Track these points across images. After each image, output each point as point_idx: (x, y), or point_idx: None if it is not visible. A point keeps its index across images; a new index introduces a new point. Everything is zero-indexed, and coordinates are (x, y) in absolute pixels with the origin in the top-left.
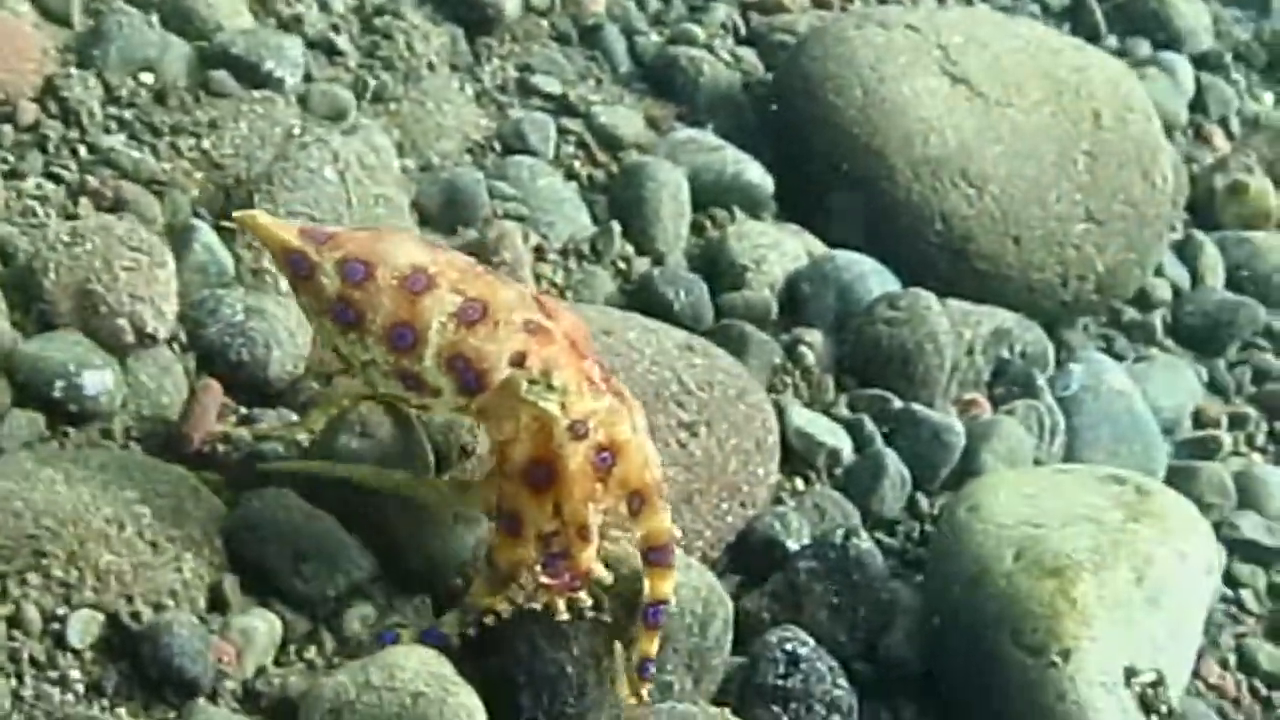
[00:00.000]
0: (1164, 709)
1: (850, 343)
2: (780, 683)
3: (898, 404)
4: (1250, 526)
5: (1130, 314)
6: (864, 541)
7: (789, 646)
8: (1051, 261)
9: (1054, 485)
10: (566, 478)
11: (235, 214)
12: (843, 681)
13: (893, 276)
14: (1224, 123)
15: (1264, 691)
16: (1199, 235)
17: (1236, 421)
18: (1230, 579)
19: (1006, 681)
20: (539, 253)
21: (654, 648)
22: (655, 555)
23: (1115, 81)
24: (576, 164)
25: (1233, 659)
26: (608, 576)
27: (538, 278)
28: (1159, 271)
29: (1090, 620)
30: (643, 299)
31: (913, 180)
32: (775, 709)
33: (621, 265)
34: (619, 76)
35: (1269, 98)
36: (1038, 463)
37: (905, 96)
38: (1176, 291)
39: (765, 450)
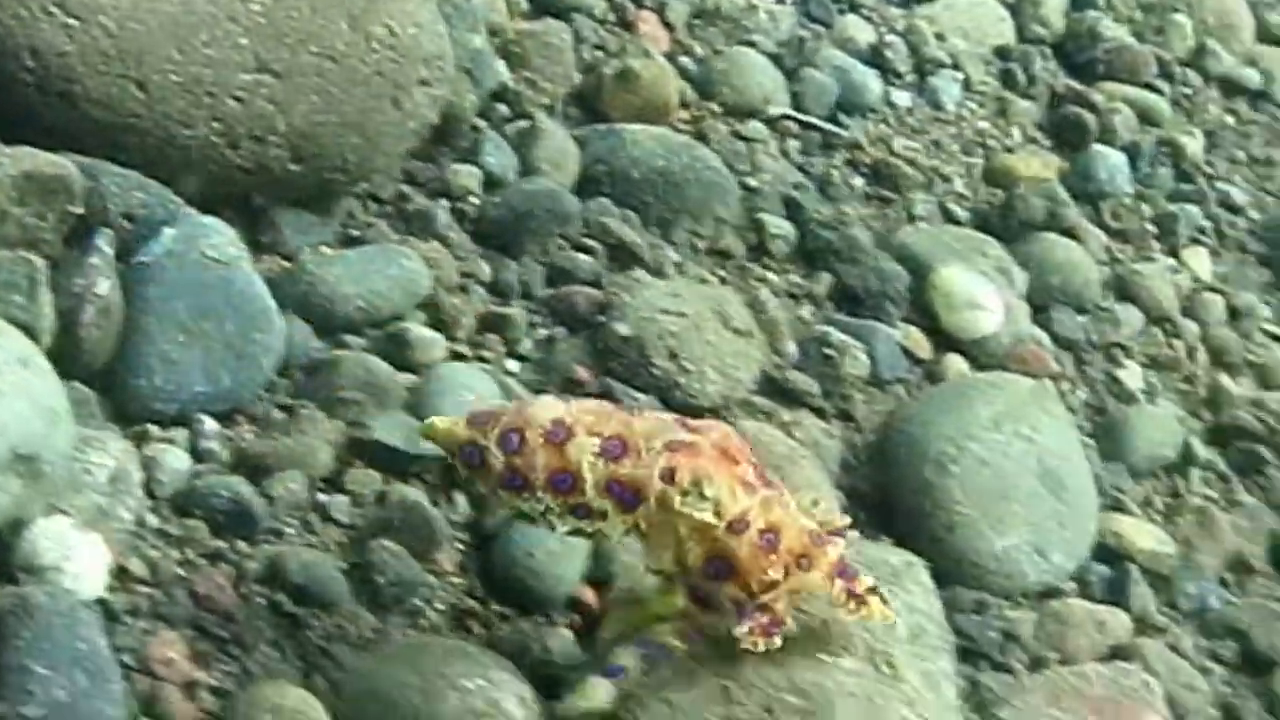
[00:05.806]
0: None
1: None
2: None
3: None
4: (388, 428)
5: (419, 202)
6: None
7: None
8: (201, 115)
9: None
10: (741, 566)
11: (419, 429)
12: None
13: None
14: (662, 9)
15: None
16: (541, 121)
17: (493, 323)
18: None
19: None
20: None
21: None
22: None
23: None
24: None
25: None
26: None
27: None
28: (470, 158)
29: None
30: None
31: None
32: None
33: None
34: None
35: None
36: None
37: None
38: (496, 182)
39: None
